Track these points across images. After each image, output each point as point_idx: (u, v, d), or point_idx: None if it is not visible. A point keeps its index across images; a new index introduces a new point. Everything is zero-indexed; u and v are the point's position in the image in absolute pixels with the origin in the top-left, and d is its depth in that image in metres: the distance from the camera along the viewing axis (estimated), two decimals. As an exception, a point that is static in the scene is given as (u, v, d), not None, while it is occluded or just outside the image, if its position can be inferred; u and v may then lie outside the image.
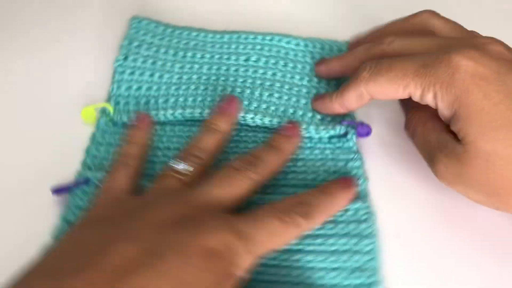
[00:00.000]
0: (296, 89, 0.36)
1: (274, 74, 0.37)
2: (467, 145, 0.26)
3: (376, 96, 0.30)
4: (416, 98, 0.28)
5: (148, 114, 0.34)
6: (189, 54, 0.38)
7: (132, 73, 0.37)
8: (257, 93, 0.36)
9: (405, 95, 0.28)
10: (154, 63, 0.37)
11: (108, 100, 0.36)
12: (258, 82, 0.36)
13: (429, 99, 0.28)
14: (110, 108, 0.35)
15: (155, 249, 0.23)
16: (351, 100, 0.31)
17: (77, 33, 0.41)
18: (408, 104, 0.33)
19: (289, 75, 0.37)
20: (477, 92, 0.26)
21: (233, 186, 0.28)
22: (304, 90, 0.36)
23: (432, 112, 0.29)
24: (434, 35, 0.31)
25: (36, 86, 0.37)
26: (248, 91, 0.36)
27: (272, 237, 0.26)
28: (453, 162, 0.27)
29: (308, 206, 0.27)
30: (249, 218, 0.26)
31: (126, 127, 0.35)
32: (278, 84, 0.36)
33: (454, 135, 0.27)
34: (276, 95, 0.36)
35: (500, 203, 0.27)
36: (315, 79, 0.36)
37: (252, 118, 0.34)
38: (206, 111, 0.34)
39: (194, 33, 0.39)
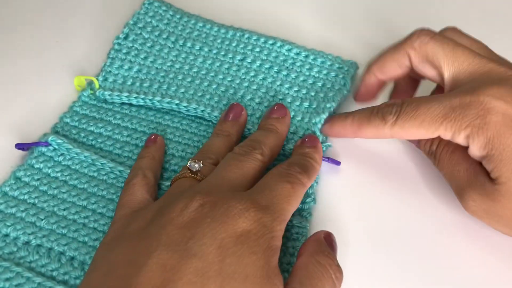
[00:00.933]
0: (280, 97, 0.34)
1: (264, 79, 0.36)
2: (499, 185, 0.26)
3: (401, 138, 0.30)
4: (446, 138, 0.28)
5: (160, 136, 0.33)
6: (188, 44, 0.38)
7: (127, 53, 0.37)
8: (239, 95, 0.35)
9: (434, 136, 0.28)
10: (151, 46, 0.38)
11: (99, 74, 0.36)
12: (245, 84, 0.35)
13: (460, 140, 0.27)
14: (95, 82, 0.35)
15: (188, 249, 0.23)
16: (369, 135, 0.31)
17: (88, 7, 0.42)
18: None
19: (278, 82, 0.35)
20: (509, 134, 0.26)
21: (241, 168, 0.28)
22: (288, 100, 0.34)
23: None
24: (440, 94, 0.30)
25: (42, 48, 0.39)
26: (231, 91, 0.35)
27: (289, 199, 0.26)
28: (483, 198, 0.27)
29: (303, 166, 0.28)
30: (264, 190, 0.26)
31: (106, 103, 0.35)
32: (263, 90, 0.35)
33: (484, 168, 0.28)
34: (257, 100, 0.34)
35: None
36: (304, 91, 0.35)
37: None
38: (184, 104, 0.34)
39: (200, 24, 0.39)
